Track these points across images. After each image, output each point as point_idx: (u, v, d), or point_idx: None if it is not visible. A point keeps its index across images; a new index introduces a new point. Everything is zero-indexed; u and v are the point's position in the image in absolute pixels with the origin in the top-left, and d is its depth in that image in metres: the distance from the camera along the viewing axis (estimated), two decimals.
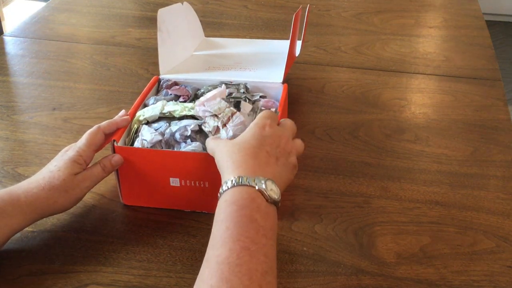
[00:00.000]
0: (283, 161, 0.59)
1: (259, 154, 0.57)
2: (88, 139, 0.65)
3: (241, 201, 0.52)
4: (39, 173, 0.63)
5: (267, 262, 0.48)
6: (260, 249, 0.49)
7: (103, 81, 0.99)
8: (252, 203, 0.52)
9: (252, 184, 0.53)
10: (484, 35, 1.19)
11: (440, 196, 0.73)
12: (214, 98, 0.70)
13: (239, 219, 0.50)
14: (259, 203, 0.52)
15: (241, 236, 0.49)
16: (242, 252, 0.47)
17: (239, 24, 1.22)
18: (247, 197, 0.52)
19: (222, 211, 0.52)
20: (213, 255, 0.48)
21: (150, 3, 1.31)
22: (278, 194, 0.54)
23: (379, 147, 0.83)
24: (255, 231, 0.50)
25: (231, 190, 0.53)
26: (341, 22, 1.24)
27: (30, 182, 0.62)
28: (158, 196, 0.69)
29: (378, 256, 0.64)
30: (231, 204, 0.52)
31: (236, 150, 0.57)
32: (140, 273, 0.61)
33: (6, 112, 0.90)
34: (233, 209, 0.51)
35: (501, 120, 0.89)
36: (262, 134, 0.60)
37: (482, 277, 0.61)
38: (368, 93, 0.97)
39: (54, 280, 0.60)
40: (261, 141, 0.59)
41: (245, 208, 0.51)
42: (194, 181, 0.66)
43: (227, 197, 0.53)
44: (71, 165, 0.63)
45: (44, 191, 0.61)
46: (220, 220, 0.51)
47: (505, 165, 0.79)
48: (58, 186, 0.61)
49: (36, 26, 1.20)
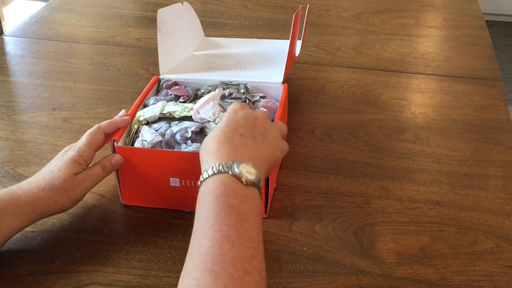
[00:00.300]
0: (261, 138, 0.58)
1: (233, 138, 0.56)
2: (88, 139, 0.65)
3: (217, 190, 0.51)
4: (39, 173, 0.63)
5: (251, 246, 0.48)
6: (243, 234, 0.48)
7: (103, 81, 0.99)
8: (227, 190, 0.51)
9: (225, 170, 0.52)
10: (484, 35, 1.19)
11: (440, 196, 0.73)
12: (208, 102, 0.70)
13: (217, 208, 0.49)
14: (234, 188, 0.51)
15: (221, 224, 0.48)
16: (223, 241, 0.47)
17: (239, 24, 1.22)
18: (221, 185, 0.51)
19: (200, 203, 0.51)
20: (195, 248, 0.47)
21: (150, 3, 1.31)
22: (255, 175, 0.53)
23: (379, 147, 0.83)
24: (235, 217, 0.49)
25: (206, 181, 0.52)
26: (341, 22, 1.24)
27: (30, 182, 0.62)
28: (158, 196, 0.69)
29: (378, 256, 0.64)
30: (207, 195, 0.51)
31: (209, 140, 0.57)
32: (140, 273, 0.61)
33: (6, 112, 0.90)
34: (210, 199, 0.50)
35: (501, 120, 0.89)
36: (235, 118, 0.59)
37: (482, 277, 0.61)
38: (368, 93, 0.97)
39: (54, 280, 0.60)
40: (234, 125, 0.58)
41: (221, 196, 0.50)
42: (194, 181, 0.66)
43: (203, 189, 0.52)
44: (71, 165, 0.63)
45: (44, 191, 0.61)
46: (199, 212, 0.50)
47: (505, 165, 0.79)
48: (58, 186, 0.61)
49: (36, 26, 1.20)
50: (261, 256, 0.48)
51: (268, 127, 0.60)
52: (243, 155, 0.54)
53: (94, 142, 0.65)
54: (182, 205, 0.69)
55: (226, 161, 0.53)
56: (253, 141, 0.57)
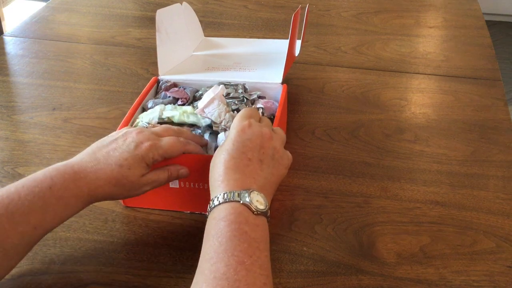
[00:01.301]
0: (268, 161, 0.59)
1: (240, 164, 0.57)
2: (169, 150, 0.62)
3: (229, 216, 0.52)
4: (107, 159, 0.58)
5: (263, 274, 0.49)
6: (255, 261, 0.49)
7: (103, 81, 0.99)
8: (239, 217, 0.52)
9: (236, 199, 0.53)
10: (484, 35, 1.19)
11: (440, 196, 0.73)
12: (212, 101, 0.70)
13: (230, 234, 0.50)
14: (246, 216, 0.52)
15: (235, 250, 0.49)
16: (238, 267, 0.48)
17: (239, 24, 1.22)
18: (234, 212, 0.52)
19: (212, 228, 0.52)
20: (210, 270, 0.48)
21: (150, 3, 1.31)
22: (264, 205, 0.54)
23: (379, 147, 0.83)
24: (248, 244, 0.50)
25: (217, 207, 0.53)
26: (341, 22, 1.24)
27: (97, 172, 0.57)
28: (157, 197, 0.69)
29: (378, 256, 0.64)
30: (220, 221, 0.52)
31: (218, 164, 0.57)
32: (140, 273, 0.61)
33: (6, 112, 0.90)
34: (223, 225, 0.51)
35: (501, 120, 0.89)
36: (242, 139, 0.58)
37: (482, 277, 0.61)
38: (368, 93, 0.97)
39: (54, 280, 0.60)
40: (241, 148, 0.58)
41: (234, 223, 0.51)
42: (193, 183, 0.66)
43: (215, 215, 0.53)
44: (142, 166, 0.59)
45: (109, 186, 0.58)
46: (212, 235, 0.51)
47: (505, 165, 0.79)
48: (123, 185, 0.58)
49: (36, 26, 1.20)
50: (272, 284, 0.49)
51: (274, 147, 0.60)
52: (252, 183, 0.55)
53: (172, 154, 0.62)
54: (181, 207, 0.69)
55: (236, 189, 0.54)
56: (260, 166, 0.58)
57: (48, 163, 0.77)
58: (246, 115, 0.62)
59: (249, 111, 0.63)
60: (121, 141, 0.60)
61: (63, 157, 0.79)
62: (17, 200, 0.53)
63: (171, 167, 0.63)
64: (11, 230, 0.52)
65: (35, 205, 0.53)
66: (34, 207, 0.53)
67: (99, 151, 0.59)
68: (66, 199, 0.56)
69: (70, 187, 0.56)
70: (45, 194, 0.54)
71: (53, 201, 0.55)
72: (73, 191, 0.56)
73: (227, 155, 0.57)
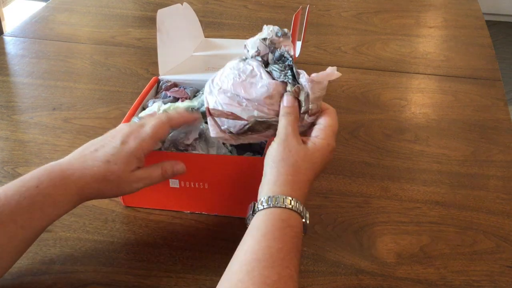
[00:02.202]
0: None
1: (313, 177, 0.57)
2: (154, 131, 0.59)
3: (296, 229, 0.52)
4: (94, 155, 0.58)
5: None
6: (298, 280, 0.49)
7: (103, 81, 0.99)
8: (301, 234, 0.52)
9: (304, 215, 0.53)
10: (484, 35, 1.19)
11: (440, 196, 0.73)
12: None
13: (293, 246, 0.50)
14: (302, 235, 0.53)
15: (290, 263, 0.49)
16: (288, 281, 0.47)
17: (239, 24, 1.22)
18: (300, 227, 0.52)
19: (277, 229, 0.51)
20: (261, 274, 0.47)
21: (150, 3, 1.31)
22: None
23: (379, 147, 0.83)
24: (298, 261, 0.50)
25: (289, 211, 0.52)
26: (341, 22, 1.24)
27: (84, 168, 0.57)
28: (157, 197, 0.69)
29: (378, 256, 0.64)
30: (288, 227, 0.51)
31: (307, 170, 0.56)
32: (140, 273, 0.61)
33: (6, 112, 0.90)
34: (290, 234, 0.51)
35: (501, 120, 0.89)
36: (328, 160, 0.58)
37: (482, 277, 0.61)
38: (368, 93, 0.97)
39: (54, 280, 0.60)
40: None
41: (297, 237, 0.51)
42: (193, 183, 0.66)
43: (284, 217, 0.52)
44: (130, 160, 0.57)
45: (97, 183, 0.57)
46: (274, 237, 0.50)
47: (505, 165, 0.79)
48: (111, 181, 0.57)
49: (36, 26, 1.20)
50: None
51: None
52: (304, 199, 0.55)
53: (159, 136, 0.60)
54: (181, 206, 0.69)
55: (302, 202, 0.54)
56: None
57: (48, 163, 0.77)
58: (336, 132, 0.60)
59: (336, 124, 0.60)
60: (109, 138, 0.59)
61: (63, 157, 0.79)
62: (3, 200, 0.53)
63: (166, 163, 0.61)
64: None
65: (21, 204, 0.53)
66: (20, 206, 0.53)
67: (87, 149, 0.59)
68: (54, 197, 0.55)
69: (57, 185, 0.55)
70: (32, 193, 0.54)
71: (40, 199, 0.54)
72: (60, 189, 0.55)
73: (311, 168, 0.56)
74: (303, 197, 0.54)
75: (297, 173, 0.55)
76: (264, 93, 0.58)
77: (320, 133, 0.58)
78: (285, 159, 0.55)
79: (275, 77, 0.59)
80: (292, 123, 0.57)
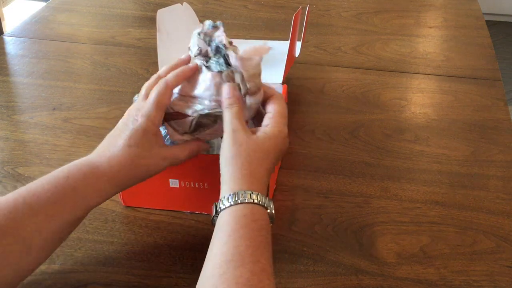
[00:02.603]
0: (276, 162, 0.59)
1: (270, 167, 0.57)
2: (157, 100, 0.58)
3: (261, 222, 0.51)
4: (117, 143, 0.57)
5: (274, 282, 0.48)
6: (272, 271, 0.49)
7: (103, 81, 0.99)
8: (268, 226, 0.52)
9: (268, 206, 0.53)
10: (484, 35, 1.19)
11: (440, 196, 0.73)
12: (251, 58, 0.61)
13: (262, 239, 0.50)
14: (270, 226, 0.53)
15: (261, 257, 0.48)
16: (261, 275, 0.47)
17: (239, 24, 1.22)
18: (265, 219, 0.52)
19: (241, 227, 0.50)
20: (233, 274, 0.47)
21: (150, 3, 1.31)
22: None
23: (379, 147, 0.83)
24: (270, 253, 0.50)
25: (251, 205, 0.52)
26: (341, 22, 1.24)
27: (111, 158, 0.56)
28: (157, 197, 0.69)
29: (378, 256, 0.64)
30: (252, 222, 0.51)
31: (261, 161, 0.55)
32: (140, 273, 0.61)
33: (6, 112, 0.90)
34: (256, 228, 0.50)
35: (501, 120, 0.89)
36: (283, 148, 0.58)
37: (482, 277, 0.61)
38: (368, 93, 0.97)
39: (54, 280, 0.60)
40: (278, 157, 0.58)
41: (264, 229, 0.51)
42: (193, 182, 0.66)
43: (247, 212, 0.51)
44: (148, 138, 0.57)
45: (126, 170, 0.57)
46: (239, 236, 0.49)
47: (505, 165, 0.79)
48: (140, 164, 0.57)
49: (36, 26, 1.20)
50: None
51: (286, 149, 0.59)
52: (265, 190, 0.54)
53: (163, 102, 0.58)
54: (181, 206, 0.69)
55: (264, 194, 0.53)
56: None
57: (48, 163, 0.77)
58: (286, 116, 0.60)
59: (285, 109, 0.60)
60: (121, 124, 0.59)
61: (63, 157, 0.79)
62: (34, 191, 0.53)
63: (192, 144, 0.61)
64: (28, 219, 0.52)
65: (52, 196, 0.53)
66: (51, 197, 0.53)
67: (111, 137, 0.59)
68: (84, 188, 0.55)
69: (87, 177, 0.55)
70: (63, 185, 0.54)
71: (70, 191, 0.54)
72: (91, 181, 0.55)
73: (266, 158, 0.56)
74: (263, 188, 0.54)
75: (252, 165, 0.54)
76: (204, 87, 0.59)
77: (270, 122, 0.58)
78: (237, 155, 0.54)
79: (213, 69, 0.59)
80: (236, 115, 0.56)
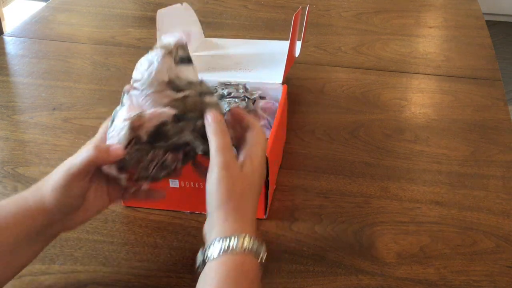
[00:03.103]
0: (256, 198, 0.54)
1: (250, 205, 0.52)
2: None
3: (252, 273, 0.47)
4: None
5: None
6: None
7: (103, 81, 0.99)
8: (258, 277, 0.48)
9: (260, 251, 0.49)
10: (484, 35, 1.19)
11: (440, 196, 0.73)
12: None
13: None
14: (260, 274, 0.49)
15: None
16: None
17: (239, 24, 1.22)
18: (256, 269, 0.48)
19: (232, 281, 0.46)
20: None
21: (150, 3, 1.31)
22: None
23: (379, 147, 0.83)
24: None
25: (243, 257, 0.47)
26: (341, 22, 1.24)
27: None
28: None
29: (378, 256, 0.64)
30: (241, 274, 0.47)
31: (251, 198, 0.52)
32: (140, 273, 0.61)
33: (6, 112, 0.90)
34: (245, 282, 0.47)
35: (501, 120, 0.89)
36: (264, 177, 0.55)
37: (482, 277, 0.61)
38: (368, 93, 0.97)
39: (54, 280, 0.60)
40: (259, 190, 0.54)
41: (254, 281, 0.47)
42: (193, 182, 0.66)
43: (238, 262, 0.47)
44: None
45: None
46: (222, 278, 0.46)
47: (505, 165, 0.79)
48: None
49: (36, 26, 1.20)
50: None
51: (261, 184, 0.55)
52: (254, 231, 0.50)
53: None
54: (181, 206, 0.69)
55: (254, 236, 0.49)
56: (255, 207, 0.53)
57: (48, 163, 0.77)
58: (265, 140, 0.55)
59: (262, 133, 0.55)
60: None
61: (63, 157, 0.78)
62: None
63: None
64: None
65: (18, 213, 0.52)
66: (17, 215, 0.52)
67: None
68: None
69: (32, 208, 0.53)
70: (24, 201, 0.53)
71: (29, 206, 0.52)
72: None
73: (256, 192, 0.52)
74: (253, 227, 0.50)
75: (244, 204, 0.51)
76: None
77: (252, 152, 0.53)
78: (232, 196, 0.50)
79: None
80: (223, 146, 0.51)
